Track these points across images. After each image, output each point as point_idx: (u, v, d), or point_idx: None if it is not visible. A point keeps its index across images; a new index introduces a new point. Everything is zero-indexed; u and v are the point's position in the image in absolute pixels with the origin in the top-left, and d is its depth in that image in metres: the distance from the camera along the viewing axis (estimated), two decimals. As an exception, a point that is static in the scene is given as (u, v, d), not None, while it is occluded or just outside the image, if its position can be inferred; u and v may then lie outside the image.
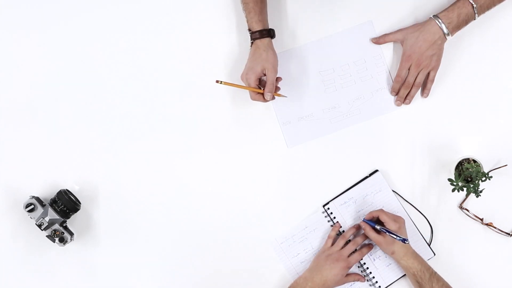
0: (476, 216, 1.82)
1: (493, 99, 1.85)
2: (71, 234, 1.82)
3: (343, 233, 1.83)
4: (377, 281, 1.81)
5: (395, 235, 1.72)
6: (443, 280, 1.73)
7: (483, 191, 1.71)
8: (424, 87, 1.84)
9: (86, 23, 1.89)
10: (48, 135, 1.88)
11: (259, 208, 1.85)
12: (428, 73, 1.82)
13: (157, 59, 1.88)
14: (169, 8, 1.89)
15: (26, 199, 1.80)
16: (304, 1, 1.87)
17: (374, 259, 1.82)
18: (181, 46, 1.88)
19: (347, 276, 1.79)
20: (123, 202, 1.86)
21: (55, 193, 1.81)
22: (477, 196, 1.71)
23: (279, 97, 1.82)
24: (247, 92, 1.80)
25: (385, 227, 1.74)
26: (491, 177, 1.72)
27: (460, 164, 1.77)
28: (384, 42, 1.86)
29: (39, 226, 1.78)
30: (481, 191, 1.70)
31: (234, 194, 1.86)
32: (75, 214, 1.84)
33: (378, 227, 1.75)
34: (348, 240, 1.81)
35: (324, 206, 1.85)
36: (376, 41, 1.86)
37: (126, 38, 1.89)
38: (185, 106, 1.87)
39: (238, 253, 1.85)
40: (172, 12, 1.89)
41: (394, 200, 1.83)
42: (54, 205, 1.79)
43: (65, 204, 1.79)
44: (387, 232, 1.72)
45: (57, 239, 1.79)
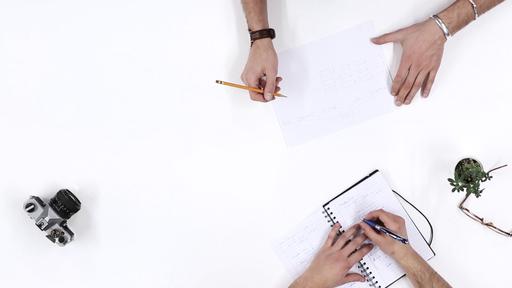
0: (476, 216, 1.82)
1: (493, 99, 1.85)
2: (71, 234, 1.82)
3: (343, 233, 1.83)
4: (377, 281, 1.81)
5: (395, 235, 1.71)
6: (443, 280, 1.73)
7: (483, 191, 1.71)
8: (424, 87, 1.84)
9: (85, 23, 1.89)
10: (48, 135, 1.87)
11: (259, 208, 1.85)
12: (428, 73, 1.82)
13: (157, 59, 1.88)
14: (169, 8, 1.89)
15: (26, 199, 1.79)
16: (304, 1, 1.87)
17: (374, 259, 1.82)
18: (181, 46, 1.88)
19: (347, 276, 1.79)
20: (123, 202, 1.86)
21: (55, 193, 1.81)
22: (477, 196, 1.71)
23: (279, 97, 1.82)
24: (247, 92, 1.80)
25: (385, 227, 1.74)
26: (491, 177, 1.72)
27: (460, 164, 1.77)
28: (384, 42, 1.86)
29: (39, 226, 1.78)
30: (481, 191, 1.70)
31: (234, 194, 1.86)
32: (75, 214, 1.83)
33: (378, 227, 1.75)
34: (348, 240, 1.81)
35: (324, 206, 1.85)
36: (376, 41, 1.86)
37: (126, 38, 1.89)
38: (185, 106, 1.87)
39: (238, 253, 1.85)
40: (172, 12, 1.89)
41: (394, 200, 1.83)
42: (54, 205, 1.79)
43: (65, 204, 1.79)
44: (387, 232, 1.72)
45: (57, 239, 1.79)
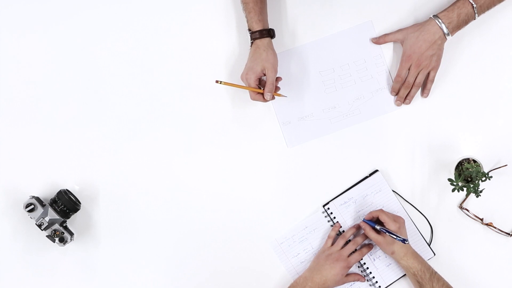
0: (476, 216, 1.82)
1: (493, 99, 1.85)
2: (71, 234, 1.82)
3: (343, 233, 1.82)
4: (377, 281, 1.81)
5: (395, 235, 1.71)
6: (444, 280, 1.73)
7: (483, 191, 1.71)
8: (424, 87, 1.84)
9: (86, 23, 1.89)
10: (48, 135, 1.87)
11: (259, 208, 1.85)
12: (428, 73, 1.82)
13: (157, 59, 1.88)
14: (169, 8, 1.89)
15: (26, 199, 1.79)
16: (304, 1, 1.87)
17: (374, 259, 1.82)
18: (181, 46, 1.88)
19: (347, 276, 1.79)
20: (123, 202, 1.86)
21: (55, 193, 1.81)
22: (477, 196, 1.71)
23: (279, 97, 1.82)
24: (247, 92, 1.80)
25: (385, 227, 1.74)
26: (491, 177, 1.72)
27: (460, 164, 1.77)
28: (384, 42, 1.86)
29: (39, 226, 1.78)
30: (481, 191, 1.70)
31: (234, 194, 1.86)
32: (75, 214, 1.83)
33: (378, 227, 1.75)
34: (348, 240, 1.81)
35: (324, 206, 1.85)
36: (376, 41, 1.86)
37: (126, 38, 1.89)
38: (185, 106, 1.87)
39: (238, 253, 1.84)
40: (172, 12, 1.89)
41: (394, 200, 1.83)
42: (54, 205, 1.79)
43: (65, 204, 1.79)
44: (387, 232, 1.72)
45: (57, 239, 1.78)
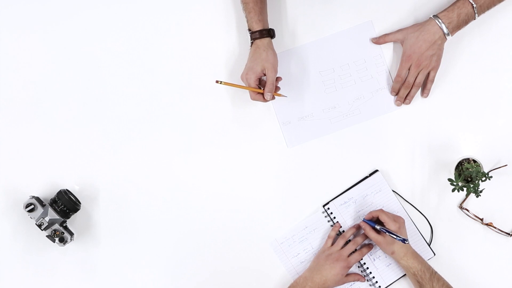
0: (476, 216, 1.82)
1: (493, 99, 1.85)
2: (71, 234, 1.82)
3: (343, 233, 1.82)
4: (377, 281, 1.81)
5: (395, 235, 1.71)
6: (444, 279, 1.73)
7: (483, 191, 1.71)
8: (424, 87, 1.84)
9: (85, 23, 1.89)
10: (48, 135, 1.87)
11: (259, 208, 1.85)
12: (428, 73, 1.82)
13: (157, 59, 1.88)
14: (169, 8, 1.89)
15: (26, 199, 1.79)
16: (304, 1, 1.87)
17: (374, 259, 1.82)
18: (181, 46, 1.88)
19: (347, 276, 1.79)
20: (123, 202, 1.86)
21: (55, 193, 1.81)
22: (477, 196, 1.71)
23: (279, 97, 1.82)
24: (247, 92, 1.80)
25: (385, 227, 1.74)
26: (491, 177, 1.72)
27: (460, 164, 1.77)
28: (384, 42, 1.86)
29: (39, 226, 1.78)
30: (481, 191, 1.70)
31: (234, 194, 1.86)
32: (75, 214, 1.83)
33: (378, 227, 1.75)
34: (348, 240, 1.81)
35: (324, 206, 1.85)
36: (376, 41, 1.86)
37: (126, 38, 1.89)
38: (185, 106, 1.87)
39: (238, 253, 1.84)
40: (172, 12, 1.89)
41: (394, 200, 1.83)
42: (54, 205, 1.79)
43: (65, 204, 1.79)
44: (387, 232, 1.72)
45: (57, 239, 1.78)
